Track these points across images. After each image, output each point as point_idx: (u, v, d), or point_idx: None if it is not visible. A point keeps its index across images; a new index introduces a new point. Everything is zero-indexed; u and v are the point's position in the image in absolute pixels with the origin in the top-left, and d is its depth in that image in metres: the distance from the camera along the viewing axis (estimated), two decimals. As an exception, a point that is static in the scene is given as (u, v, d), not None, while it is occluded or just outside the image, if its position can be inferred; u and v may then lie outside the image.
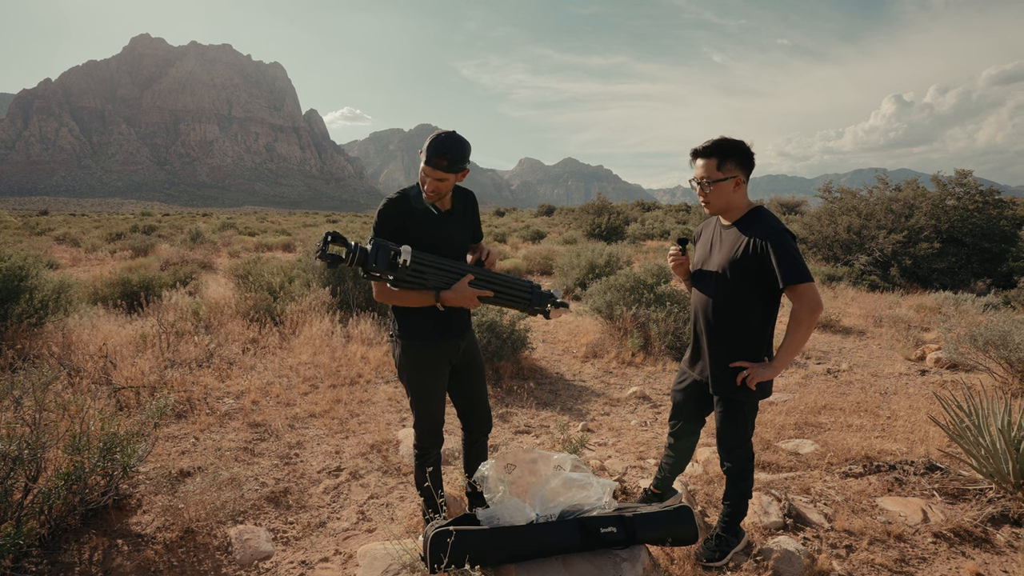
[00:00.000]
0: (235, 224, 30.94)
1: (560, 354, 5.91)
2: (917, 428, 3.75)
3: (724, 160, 2.11)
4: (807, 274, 2.01)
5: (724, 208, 2.20)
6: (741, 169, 2.12)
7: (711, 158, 2.12)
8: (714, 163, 2.12)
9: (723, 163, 2.11)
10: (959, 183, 10.74)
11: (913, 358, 5.77)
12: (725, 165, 2.11)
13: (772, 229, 2.07)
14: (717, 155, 2.11)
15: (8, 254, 5.00)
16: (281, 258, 10.86)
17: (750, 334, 2.17)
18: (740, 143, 2.11)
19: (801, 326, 2.04)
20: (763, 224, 2.10)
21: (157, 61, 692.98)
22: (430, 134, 2.12)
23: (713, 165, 2.12)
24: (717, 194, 2.14)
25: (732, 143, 2.11)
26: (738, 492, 2.38)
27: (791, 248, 2.04)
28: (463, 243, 2.28)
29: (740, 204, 2.18)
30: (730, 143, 2.11)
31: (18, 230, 22.67)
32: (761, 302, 2.15)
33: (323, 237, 1.93)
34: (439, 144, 2.05)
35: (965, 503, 2.84)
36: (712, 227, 2.33)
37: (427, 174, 2.08)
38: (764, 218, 2.13)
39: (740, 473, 2.35)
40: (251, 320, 5.92)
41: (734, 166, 2.11)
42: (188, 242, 16.88)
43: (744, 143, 2.12)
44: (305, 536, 2.62)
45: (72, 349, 4.63)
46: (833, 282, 9.86)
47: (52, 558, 2.29)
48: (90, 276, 8.56)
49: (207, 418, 3.79)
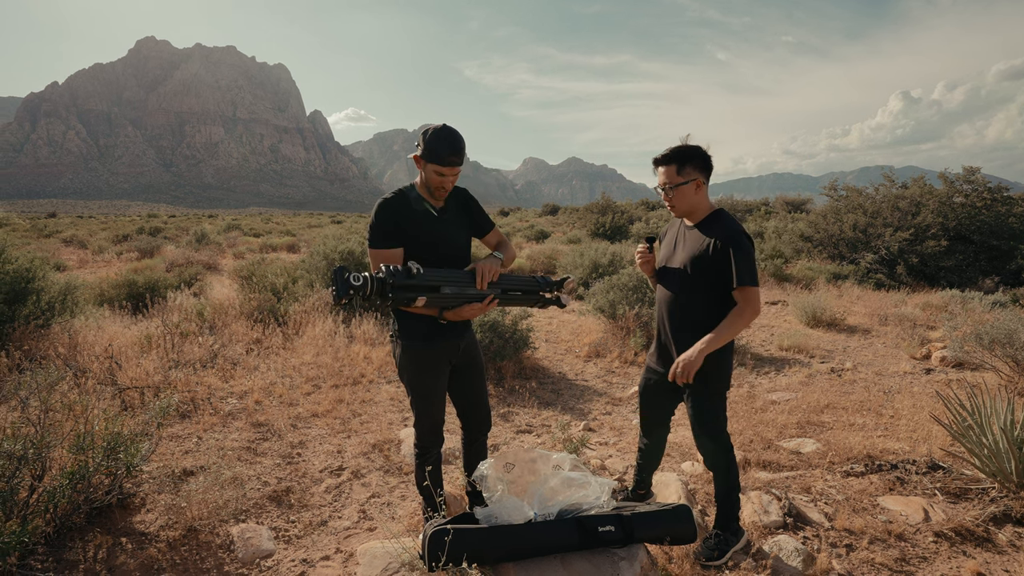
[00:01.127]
0: (240, 225, 31.10)
1: (563, 354, 5.92)
2: (920, 427, 3.73)
3: (683, 165, 2.24)
4: (756, 279, 2.17)
5: (688, 210, 2.32)
6: (700, 172, 2.25)
7: (671, 164, 2.25)
8: (674, 169, 2.25)
9: (682, 168, 2.24)
10: (967, 180, 10.66)
11: (918, 357, 5.74)
12: (684, 169, 2.24)
13: (732, 232, 2.20)
14: (676, 161, 2.24)
15: (15, 256, 5.06)
16: (285, 259, 10.92)
17: (710, 328, 2.24)
18: (697, 148, 2.24)
19: (739, 322, 2.17)
20: (724, 226, 2.23)
21: (162, 64, 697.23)
22: (425, 135, 2.08)
23: (673, 171, 2.25)
24: (680, 197, 2.27)
25: (689, 148, 2.24)
26: (724, 487, 2.41)
27: (748, 252, 2.18)
28: (461, 241, 2.27)
29: (702, 206, 2.31)
30: (687, 149, 2.24)
31: (27, 232, 22.89)
32: (719, 298, 2.25)
33: (337, 277, 1.86)
34: (452, 141, 2.06)
35: (967, 502, 2.83)
36: (677, 227, 2.47)
37: (443, 173, 2.08)
38: (725, 220, 2.26)
39: (718, 467, 2.39)
40: (255, 321, 5.95)
41: (693, 169, 2.24)
42: (193, 243, 16.99)
43: (701, 148, 2.25)
44: (307, 535, 2.64)
45: (78, 350, 4.67)
46: (838, 280, 9.82)
47: (58, 556, 2.32)
48: (97, 278, 8.64)
49: (210, 418, 3.82)
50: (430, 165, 2.08)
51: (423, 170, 2.13)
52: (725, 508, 2.42)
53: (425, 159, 2.09)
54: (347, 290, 1.84)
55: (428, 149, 2.06)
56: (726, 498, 2.41)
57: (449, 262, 2.18)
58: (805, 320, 7.20)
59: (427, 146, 2.07)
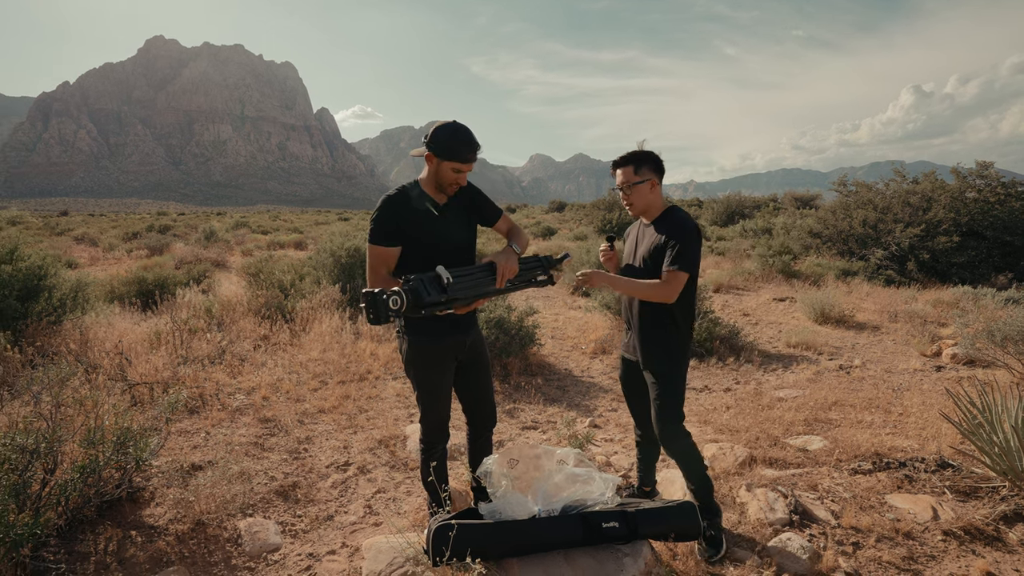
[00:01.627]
0: (248, 223, 31.31)
1: (569, 350, 5.91)
2: (929, 425, 3.69)
3: (639, 166, 2.42)
4: (688, 268, 2.29)
5: (644, 208, 2.48)
6: (654, 173, 2.43)
7: (628, 166, 2.43)
8: (631, 169, 2.42)
9: (639, 169, 2.42)
10: (980, 175, 10.52)
11: (929, 354, 5.68)
12: (640, 170, 2.42)
13: (679, 224, 2.36)
14: (633, 163, 2.42)
15: (28, 254, 5.13)
16: (293, 256, 10.97)
17: (669, 319, 2.41)
18: (651, 152, 2.45)
19: (648, 289, 2.33)
20: (672, 220, 2.40)
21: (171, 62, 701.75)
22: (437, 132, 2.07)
23: (631, 171, 2.42)
24: (637, 195, 2.44)
25: (644, 152, 2.44)
26: (690, 471, 2.44)
27: (688, 241, 2.31)
28: (462, 239, 2.25)
29: (656, 204, 2.48)
30: (642, 152, 2.44)
31: (39, 230, 23.16)
32: None
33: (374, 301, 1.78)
34: (470, 138, 2.08)
35: (977, 501, 2.80)
36: (636, 227, 2.64)
37: (461, 170, 2.10)
38: (675, 215, 2.42)
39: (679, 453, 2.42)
40: (262, 317, 6.00)
41: (648, 170, 2.42)
42: (202, 241, 17.12)
43: (654, 152, 2.47)
44: (313, 529, 2.67)
45: (89, 346, 4.73)
46: (848, 277, 9.73)
47: (69, 548, 2.36)
48: (107, 275, 8.73)
49: (219, 413, 3.85)
50: (447, 163, 2.08)
51: (436, 167, 2.12)
52: (699, 491, 2.46)
53: (442, 157, 2.08)
54: (387, 315, 1.78)
55: (446, 147, 2.06)
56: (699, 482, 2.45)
57: (450, 260, 2.17)
58: (813, 317, 7.14)
59: (444, 144, 2.06)
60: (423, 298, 1.82)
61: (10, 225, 24.61)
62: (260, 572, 2.35)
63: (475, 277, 2.05)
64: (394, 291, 1.80)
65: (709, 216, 23.58)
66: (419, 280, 1.84)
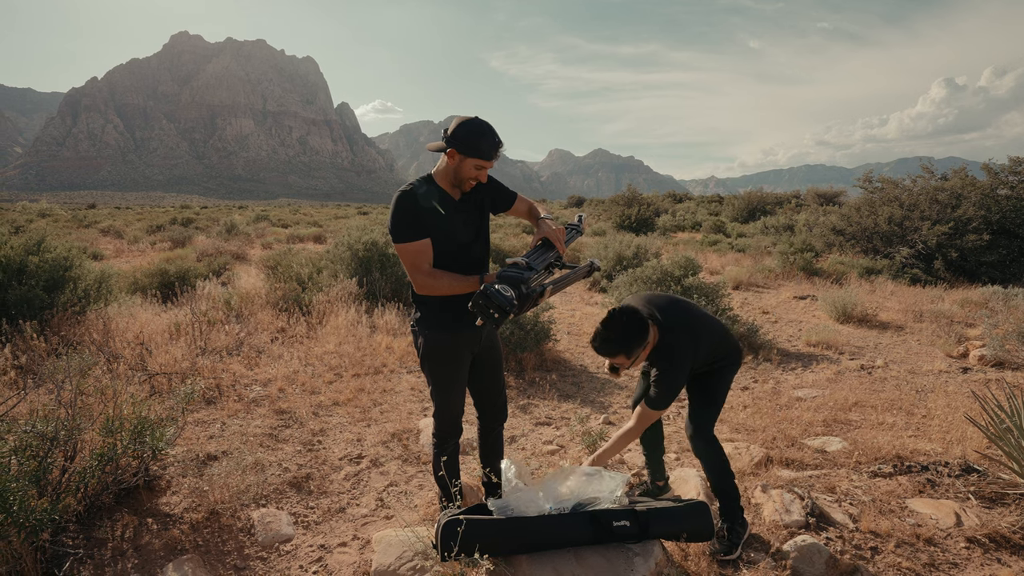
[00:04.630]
0: (269, 216, 31.71)
1: (584, 346, 5.87)
2: (954, 428, 3.58)
3: (630, 349, 2.25)
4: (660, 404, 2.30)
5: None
6: (643, 345, 2.27)
7: (619, 356, 2.27)
8: (623, 357, 2.28)
9: (631, 352, 2.26)
10: (1013, 171, 10.18)
11: (955, 355, 5.52)
12: (633, 352, 2.26)
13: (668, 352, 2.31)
14: (623, 351, 2.25)
15: (54, 246, 5.25)
16: (311, 249, 11.09)
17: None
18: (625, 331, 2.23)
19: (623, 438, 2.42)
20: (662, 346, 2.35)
21: (195, 58, 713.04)
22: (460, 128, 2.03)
23: (624, 359, 2.28)
24: (640, 361, 2.35)
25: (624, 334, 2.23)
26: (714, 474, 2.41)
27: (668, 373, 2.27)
28: (470, 234, 2.22)
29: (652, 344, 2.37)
30: (621, 335, 2.23)
31: (68, 223, 23.77)
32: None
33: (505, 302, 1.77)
34: (493, 134, 2.06)
35: (1003, 508, 2.71)
36: None
37: (481, 166, 2.09)
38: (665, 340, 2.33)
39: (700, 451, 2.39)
40: (280, 310, 6.06)
41: (637, 346, 2.25)
42: (223, 234, 17.39)
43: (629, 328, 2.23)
44: (325, 521, 2.69)
45: (111, 336, 4.83)
46: (871, 275, 9.50)
47: (87, 533, 2.41)
48: (131, 267, 8.92)
49: (235, 404, 3.90)
50: (470, 159, 2.06)
51: (458, 163, 2.08)
52: (722, 498, 2.41)
53: (465, 153, 2.05)
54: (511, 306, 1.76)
55: (469, 144, 2.03)
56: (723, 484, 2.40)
57: (457, 258, 2.15)
58: (835, 315, 6.99)
59: (467, 141, 2.03)
60: (520, 286, 1.81)
61: (40, 218, 25.34)
62: (272, 562, 2.38)
63: (540, 252, 2.10)
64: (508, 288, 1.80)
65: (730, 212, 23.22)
66: (522, 274, 1.88)
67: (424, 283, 2.09)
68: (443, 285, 2.08)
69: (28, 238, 5.15)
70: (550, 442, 3.61)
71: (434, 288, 2.10)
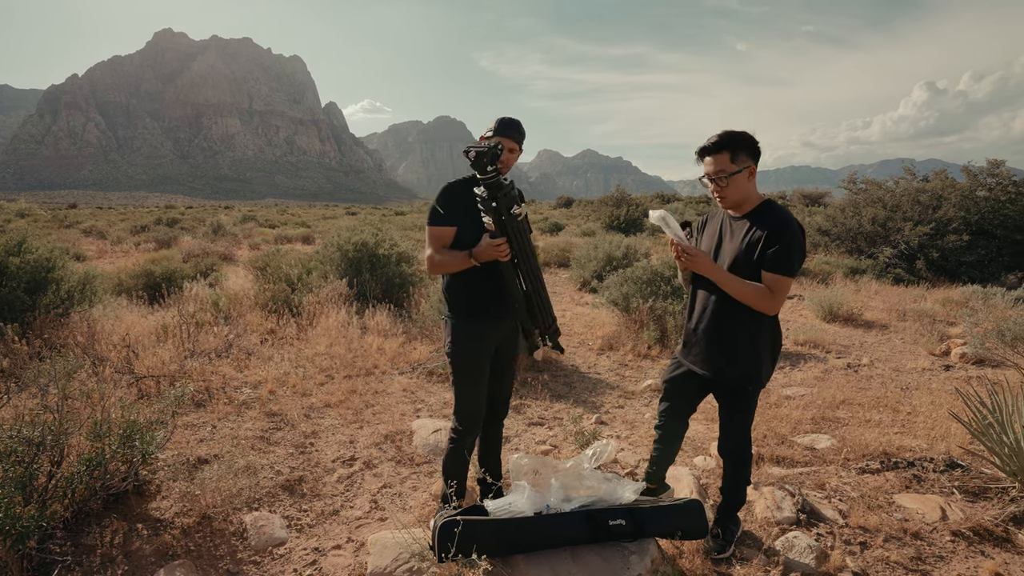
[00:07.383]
0: (256, 216, 31.38)
1: (576, 346, 5.89)
2: (938, 424, 3.66)
3: (736, 152, 2.09)
4: (791, 270, 2.03)
5: (740, 200, 2.17)
6: (752, 159, 2.11)
7: (723, 152, 2.10)
8: (727, 156, 2.09)
9: (736, 155, 2.09)
10: (991, 173, 10.41)
11: (937, 353, 5.63)
12: (738, 157, 2.09)
13: (785, 223, 2.07)
14: (729, 148, 2.09)
15: (36, 246, 5.15)
16: (300, 250, 11.00)
17: (756, 324, 2.14)
18: (747, 134, 2.10)
19: (756, 295, 2.05)
20: (777, 215, 2.10)
21: (179, 56, 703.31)
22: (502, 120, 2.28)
23: (727, 158, 2.10)
24: (734, 187, 2.12)
25: (740, 135, 2.09)
26: (741, 479, 2.39)
27: (793, 243, 2.03)
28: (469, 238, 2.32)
29: (753, 195, 2.17)
30: (739, 135, 2.09)
31: (48, 223, 23.31)
32: None
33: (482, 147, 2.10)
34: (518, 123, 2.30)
35: (986, 502, 2.77)
36: (719, 218, 2.31)
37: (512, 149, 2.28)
38: (776, 211, 2.13)
39: (743, 458, 2.36)
40: (269, 311, 6.01)
41: (746, 156, 2.10)
42: (210, 234, 17.19)
43: (750, 134, 2.11)
44: (318, 524, 2.67)
45: (96, 339, 4.75)
46: (856, 275, 9.65)
47: (75, 540, 2.37)
48: (115, 268, 8.78)
49: (225, 407, 3.86)
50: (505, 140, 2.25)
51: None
52: (736, 501, 2.41)
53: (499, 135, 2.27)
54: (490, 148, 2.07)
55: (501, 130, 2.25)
56: (740, 490, 2.40)
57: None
58: (821, 315, 7.09)
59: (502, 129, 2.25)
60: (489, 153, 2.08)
61: (19, 218, 24.80)
62: (265, 566, 2.36)
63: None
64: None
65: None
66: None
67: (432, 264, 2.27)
68: (447, 262, 2.25)
69: (8, 238, 5.04)
70: (543, 442, 3.62)
71: (438, 267, 2.26)
